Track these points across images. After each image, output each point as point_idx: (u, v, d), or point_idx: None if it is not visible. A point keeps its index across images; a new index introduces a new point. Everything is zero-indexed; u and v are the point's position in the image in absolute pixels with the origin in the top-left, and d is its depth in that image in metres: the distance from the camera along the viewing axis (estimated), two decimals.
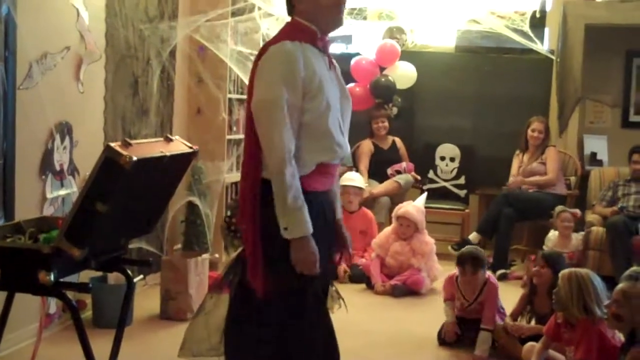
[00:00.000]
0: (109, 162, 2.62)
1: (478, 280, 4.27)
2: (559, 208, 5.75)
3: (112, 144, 2.66)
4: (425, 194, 6.14)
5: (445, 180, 6.91)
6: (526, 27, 6.30)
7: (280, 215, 2.41)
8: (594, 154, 6.81)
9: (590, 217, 5.97)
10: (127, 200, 2.79)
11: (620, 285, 3.12)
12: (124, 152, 2.62)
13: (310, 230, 2.42)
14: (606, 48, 6.79)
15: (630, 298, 3.03)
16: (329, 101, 2.51)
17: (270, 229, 2.44)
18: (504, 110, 6.94)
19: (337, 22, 2.60)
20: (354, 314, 3.18)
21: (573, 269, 3.63)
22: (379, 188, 6.37)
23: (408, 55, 6.99)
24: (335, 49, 7.00)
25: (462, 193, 6.85)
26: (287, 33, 2.55)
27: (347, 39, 7.20)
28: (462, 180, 6.88)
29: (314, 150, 2.51)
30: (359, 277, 5.54)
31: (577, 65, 6.52)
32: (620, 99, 7.02)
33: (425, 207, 5.71)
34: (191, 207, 4.61)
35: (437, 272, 5.45)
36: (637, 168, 6.06)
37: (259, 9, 5.37)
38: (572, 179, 6.53)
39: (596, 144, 6.88)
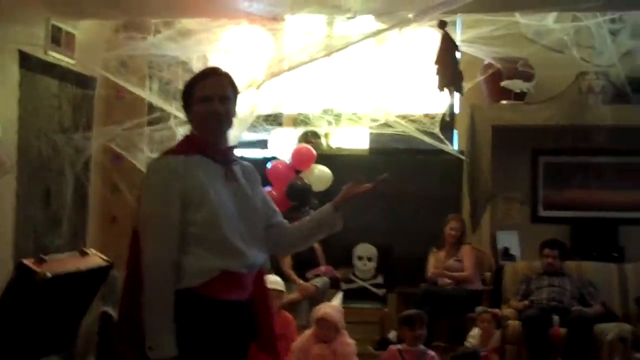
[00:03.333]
0: (22, 279, 2.56)
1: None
2: (479, 309, 5.87)
3: (25, 261, 2.61)
4: (341, 293, 6.14)
5: (364, 280, 6.96)
6: (436, 130, 6.54)
7: (147, 332, 2.40)
8: (506, 249, 7.00)
9: (506, 311, 6.10)
10: (40, 317, 2.72)
11: None
12: (38, 269, 2.57)
13: (174, 353, 2.40)
14: (513, 147, 7.09)
15: None
16: (219, 211, 2.52)
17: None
18: (418, 209, 7.10)
19: (215, 131, 2.62)
20: None
21: None
22: (296, 293, 6.36)
23: (323, 158, 7.13)
24: (251, 153, 7.09)
25: (381, 292, 6.89)
26: (178, 145, 2.60)
27: (262, 144, 7.31)
28: (380, 280, 6.94)
29: (211, 259, 2.50)
30: None
31: (486, 164, 6.78)
32: (528, 196, 7.29)
33: (344, 307, 5.70)
34: (105, 318, 4.49)
35: None
36: (548, 262, 6.27)
37: (175, 117, 5.43)
38: (487, 274, 6.67)
39: (508, 240, 7.09)
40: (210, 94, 2.59)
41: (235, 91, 2.69)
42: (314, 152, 7.06)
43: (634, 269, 6.51)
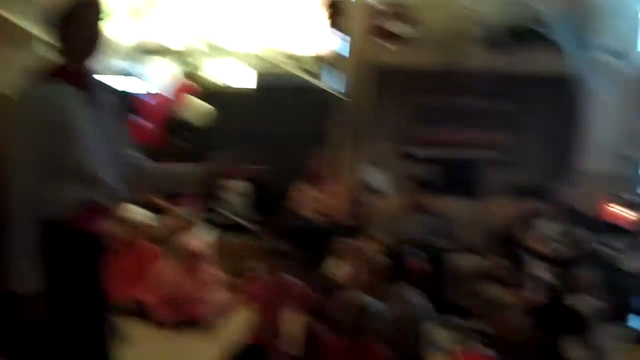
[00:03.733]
0: None
1: None
2: (345, 241, 6.03)
3: None
4: (211, 225, 6.19)
5: (235, 214, 7.09)
6: (319, 69, 6.60)
7: (10, 264, 2.39)
8: (375, 186, 7.20)
9: (370, 244, 6.28)
10: None
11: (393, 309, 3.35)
12: None
13: (38, 287, 2.40)
14: (392, 88, 7.27)
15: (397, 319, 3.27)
16: (85, 142, 2.50)
17: None
18: (295, 145, 7.13)
19: (83, 57, 2.56)
20: None
21: (355, 295, 3.87)
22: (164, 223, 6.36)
23: (207, 95, 7.09)
24: (127, 85, 6.96)
25: (252, 225, 7.01)
26: (46, 72, 2.52)
27: (142, 76, 7.18)
28: (251, 213, 7.09)
29: (76, 190, 2.50)
30: None
31: (364, 104, 6.95)
32: (400, 134, 7.52)
33: (214, 240, 5.79)
34: None
35: (222, 305, 5.52)
36: (414, 198, 6.56)
37: (40, 40, 5.23)
38: (356, 209, 6.86)
39: (377, 176, 7.27)
40: (80, 19, 2.54)
41: (104, 17, 2.62)
42: (195, 87, 7.00)
43: (492, 205, 6.89)
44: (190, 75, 7.11)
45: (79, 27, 2.54)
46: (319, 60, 6.69)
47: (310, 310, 4.40)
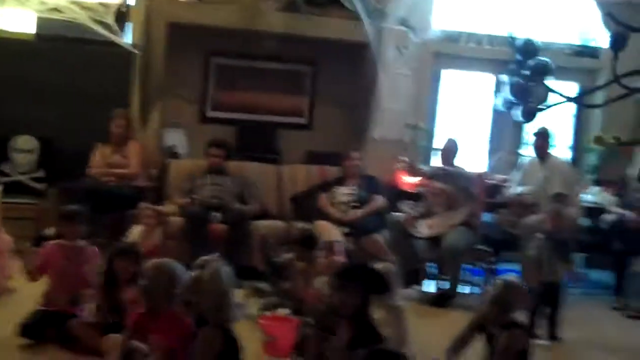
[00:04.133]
0: None
1: None
2: (142, 205, 5.87)
3: None
4: None
5: (22, 174, 6.62)
6: (110, 20, 6.29)
7: None
8: (172, 148, 7.06)
9: (168, 208, 6.21)
10: None
11: (192, 273, 3.31)
12: None
13: None
14: (187, 46, 7.11)
15: (199, 284, 3.23)
16: None
17: None
18: (86, 102, 6.82)
19: None
20: None
21: (158, 260, 3.76)
22: None
23: None
24: None
25: (41, 187, 6.61)
26: None
27: None
28: (40, 174, 6.65)
29: None
30: None
31: (158, 61, 6.73)
32: (198, 96, 7.40)
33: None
34: None
35: (11, 270, 5.18)
36: (212, 160, 6.47)
37: None
38: (153, 171, 6.71)
39: (175, 138, 7.15)
40: None
41: None
42: None
43: (290, 170, 6.99)
44: None
45: None
46: (110, 10, 6.37)
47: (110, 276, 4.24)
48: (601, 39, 7.52)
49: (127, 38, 6.81)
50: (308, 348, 3.94)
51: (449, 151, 6.38)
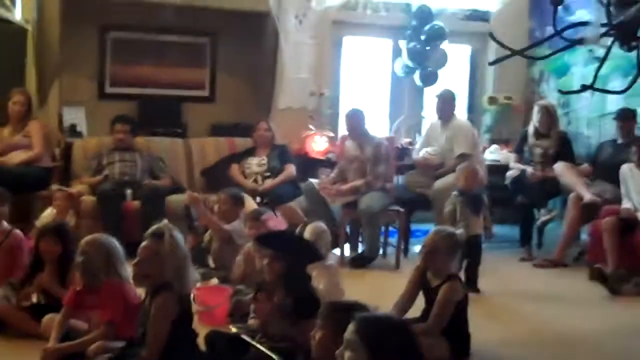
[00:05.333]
0: None
1: None
2: (54, 187, 5.67)
3: None
4: None
5: None
6: None
7: None
8: (73, 126, 6.84)
9: (79, 187, 6.03)
10: None
11: (144, 244, 3.24)
12: None
13: None
14: (82, 20, 6.87)
15: (157, 254, 3.17)
16: None
17: None
18: None
19: None
20: None
21: (92, 236, 3.66)
22: None
23: None
24: None
25: None
26: None
27: None
28: None
29: None
30: None
31: (53, 37, 6.46)
32: (96, 71, 7.17)
33: None
34: None
35: None
36: (119, 137, 6.32)
37: None
38: (57, 151, 6.47)
39: (75, 116, 6.92)
40: None
41: None
42: None
43: (198, 143, 6.92)
44: None
45: None
46: None
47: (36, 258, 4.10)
48: (490, 3, 7.79)
49: (17, 12, 6.50)
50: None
51: (356, 119, 6.45)
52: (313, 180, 6.40)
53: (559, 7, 3.34)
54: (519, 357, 4.24)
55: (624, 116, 6.47)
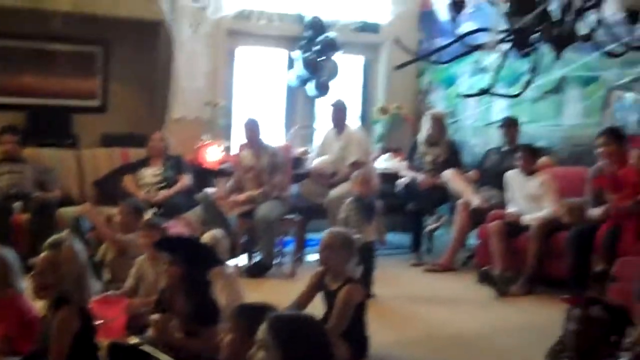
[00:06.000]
0: None
1: None
2: None
3: None
4: None
5: None
6: None
7: None
8: None
9: None
10: None
11: (43, 255, 3.18)
12: None
13: None
14: None
15: (56, 265, 3.11)
16: None
17: None
18: None
19: None
20: None
21: None
22: None
23: None
24: None
25: None
26: None
27: None
28: None
29: None
30: None
31: None
32: None
33: None
34: None
35: None
36: (6, 148, 6.15)
37: None
38: None
39: None
40: None
41: None
42: None
43: (90, 154, 6.79)
44: None
45: None
46: None
47: None
48: (380, 16, 7.99)
49: None
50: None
51: (251, 129, 6.49)
52: (209, 190, 6.39)
53: (446, 20, 3.50)
54: (413, 358, 4.39)
55: (508, 124, 6.80)
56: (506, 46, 3.41)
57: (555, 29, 3.18)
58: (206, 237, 4.59)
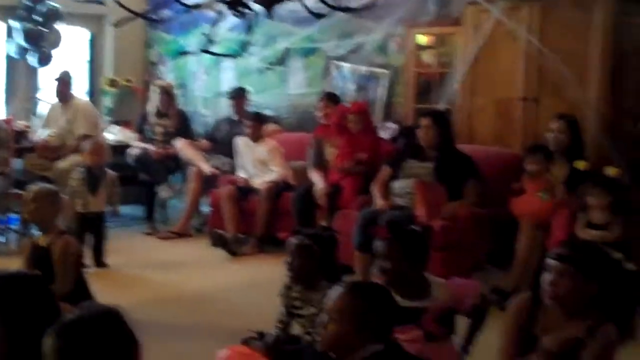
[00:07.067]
0: None
1: None
2: None
3: None
4: None
5: None
6: None
7: None
8: None
9: None
10: None
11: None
12: None
13: None
14: None
15: None
16: None
17: None
18: None
19: None
20: None
21: None
22: None
23: None
24: None
25: None
26: None
27: None
28: None
29: None
30: None
31: None
32: None
33: None
34: None
35: None
36: None
37: None
38: None
39: None
40: None
41: None
42: None
43: None
44: None
45: None
46: None
47: None
48: None
49: None
50: None
51: None
52: None
53: None
54: (148, 319, 4.40)
55: (236, 94, 7.00)
56: (222, 6, 3.54)
57: None
58: None
